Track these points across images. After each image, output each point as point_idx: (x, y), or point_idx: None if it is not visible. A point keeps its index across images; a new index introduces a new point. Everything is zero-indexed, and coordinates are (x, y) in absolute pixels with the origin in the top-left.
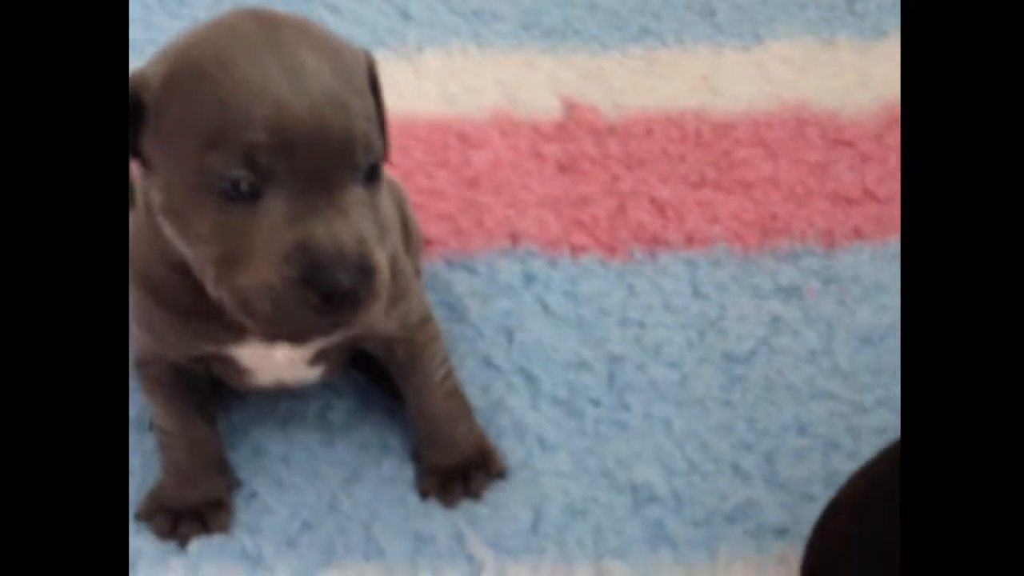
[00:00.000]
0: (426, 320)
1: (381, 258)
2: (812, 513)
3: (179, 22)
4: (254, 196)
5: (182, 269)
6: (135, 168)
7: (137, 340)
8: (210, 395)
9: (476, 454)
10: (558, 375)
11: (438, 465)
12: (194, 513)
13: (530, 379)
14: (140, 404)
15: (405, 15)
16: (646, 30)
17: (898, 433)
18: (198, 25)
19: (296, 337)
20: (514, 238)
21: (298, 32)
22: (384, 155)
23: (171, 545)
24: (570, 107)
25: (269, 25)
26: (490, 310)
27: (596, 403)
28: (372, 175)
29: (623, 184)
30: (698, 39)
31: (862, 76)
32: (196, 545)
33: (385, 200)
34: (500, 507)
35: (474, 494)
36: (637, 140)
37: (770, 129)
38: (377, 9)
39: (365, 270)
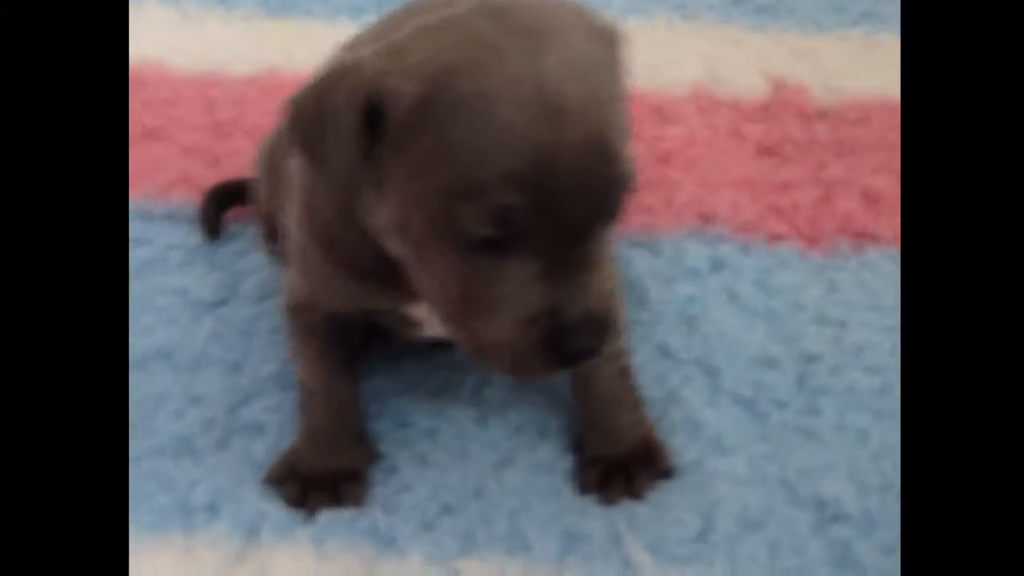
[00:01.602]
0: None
1: (619, 304)
2: None
3: None
4: (501, 250)
5: (369, 237)
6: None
7: (294, 288)
8: (360, 354)
9: (643, 448)
10: (742, 371)
11: (600, 456)
12: (328, 482)
13: (710, 372)
14: (280, 359)
15: None
16: (868, 13)
17: None
18: (452, 22)
19: (523, 377)
20: (704, 219)
21: (562, 49)
22: (634, 180)
23: (299, 514)
24: (777, 87)
25: (534, 42)
26: (672, 295)
27: (782, 405)
28: (621, 207)
29: (831, 172)
30: None
31: None
32: (325, 517)
33: None
34: (665, 509)
35: (637, 493)
36: (850, 126)
37: None
38: None
39: (607, 328)
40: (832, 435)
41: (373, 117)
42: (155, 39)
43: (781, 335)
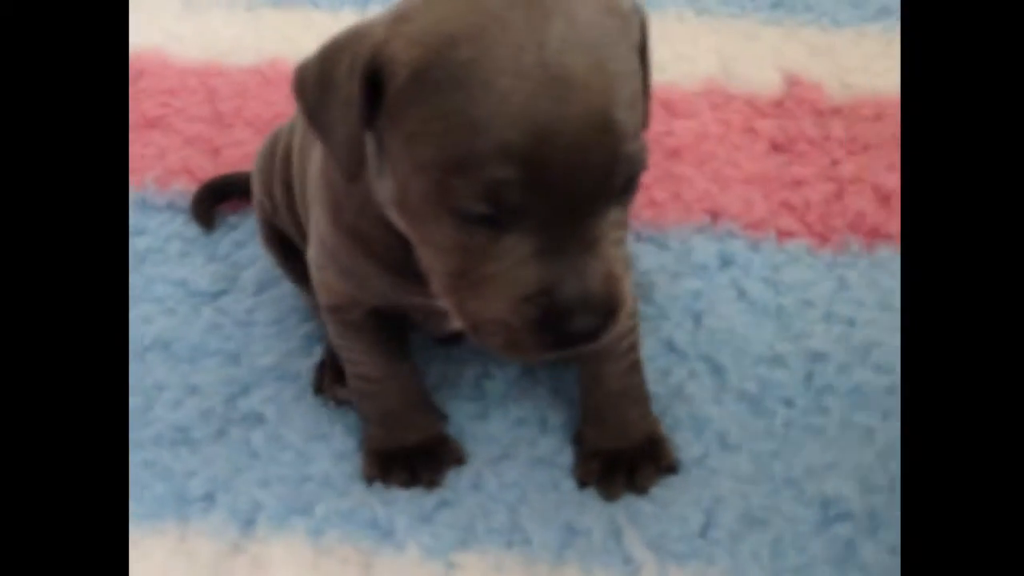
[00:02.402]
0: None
1: (626, 286)
2: None
3: None
4: (497, 226)
5: (393, 228)
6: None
7: (332, 288)
8: (407, 334)
9: (647, 443)
10: (748, 368)
11: (602, 450)
12: (423, 453)
13: (716, 369)
14: (278, 351)
15: None
16: (886, 10)
17: None
18: None
19: (520, 358)
20: (714, 215)
21: (568, 21)
22: (644, 160)
23: (295, 505)
24: (792, 83)
25: (539, 13)
26: (679, 289)
27: (789, 403)
28: (629, 187)
29: (843, 169)
30: None
31: None
32: (322, 508)
33: None
34: (667, 505)
35: (639, 488)
36: (865, 124)
37: None
38: None
39: (609, 309)
40: (838, 434)
41: (375, 85)
42: (157, 27)
43: (789, 332)
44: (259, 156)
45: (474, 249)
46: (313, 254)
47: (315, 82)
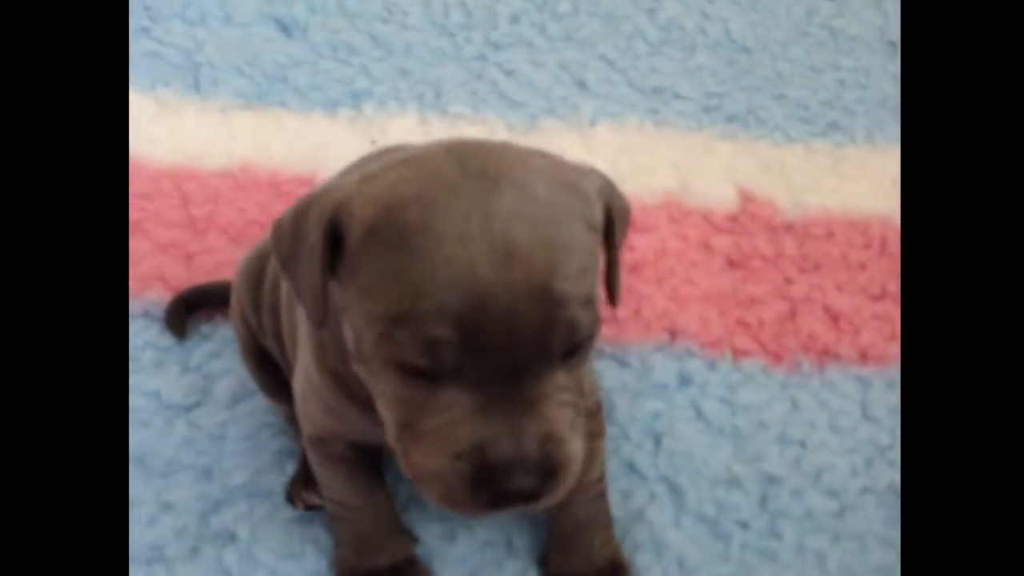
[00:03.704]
0: (597, 410)
1: (572, 449)
2: None
3: None
4: (435, 380)
5: None
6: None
7: (316, 422)
8: (382, 462)
9: (610, 568)
10: (706, 490)
11: (567, 574)
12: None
13: (675, 491)
14: (250, 467)
15: (582, 85)
16: (835, 125)
17: None
18: (420, 159)
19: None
20: (673, 333)
21: (519, 194)
22: (597, 329)
23: None
24: (746, 199)
25: (491, 185)
26: (639, 410)
27: (745, 526)
28: (574, 352)
29: (796, 288)
30: (891, 140)
31: None
32: None
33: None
34: None
35: None
36: (815, 242)
37: None
38: (553, 76)
39: (547, 471)
40: (792, 558)
41: (337, 239)
42: (132, 129)
43: (744, 454)
44: (243, 271)
45: (415, 402)
46: (299, 387)
47: (289, 234)
